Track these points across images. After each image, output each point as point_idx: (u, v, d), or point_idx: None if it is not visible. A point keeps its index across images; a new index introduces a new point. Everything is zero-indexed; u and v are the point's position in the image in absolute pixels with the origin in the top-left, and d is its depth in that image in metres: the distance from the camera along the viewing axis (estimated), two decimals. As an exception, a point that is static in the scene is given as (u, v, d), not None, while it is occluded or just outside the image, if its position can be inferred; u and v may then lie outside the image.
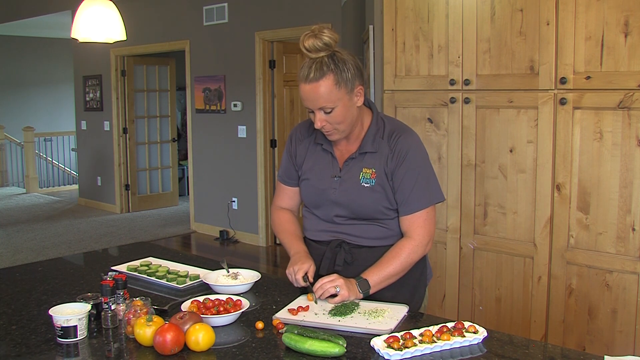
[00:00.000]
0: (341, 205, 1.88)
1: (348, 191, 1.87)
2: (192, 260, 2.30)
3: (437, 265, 2.94)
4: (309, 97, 1.75)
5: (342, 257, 1.89)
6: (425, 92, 2.89)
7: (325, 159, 1.93)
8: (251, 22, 6.34)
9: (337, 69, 1.74)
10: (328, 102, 1.75)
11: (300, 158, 1.98)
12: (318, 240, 1.95)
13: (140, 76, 8.44)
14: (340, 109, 1.77)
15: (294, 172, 2.01)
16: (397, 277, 1.84)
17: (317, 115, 1.78)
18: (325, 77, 1.73)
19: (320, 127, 1.80)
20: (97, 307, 1.66)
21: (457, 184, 2.83)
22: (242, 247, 6.57)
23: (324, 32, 1.74)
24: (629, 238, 2.36)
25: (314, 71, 1.73)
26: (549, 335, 2.59)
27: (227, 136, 6.76)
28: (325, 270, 1.89)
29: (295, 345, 1.44)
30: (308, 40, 1.74)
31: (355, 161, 1.88)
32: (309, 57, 1.76)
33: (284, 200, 2.08)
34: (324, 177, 1.91)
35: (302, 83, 1.76)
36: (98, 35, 2.67)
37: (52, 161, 11.07)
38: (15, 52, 11.16)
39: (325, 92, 1.73)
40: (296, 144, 2.00)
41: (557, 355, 1.52)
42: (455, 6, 2.75)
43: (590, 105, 2.41)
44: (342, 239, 1.90)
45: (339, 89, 1.75)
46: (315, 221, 1.96)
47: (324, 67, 1.73)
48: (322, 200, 1.91)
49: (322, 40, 1.73)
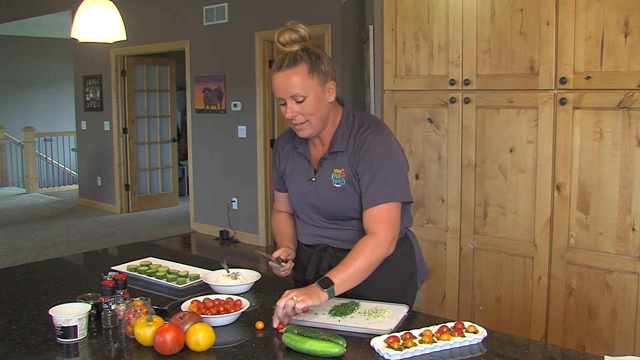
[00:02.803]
0: (317, 208, 1.88)
1: (322, 193, 1.86)
2: (192, 260, 2.30)
3: (437, 265, 2.94)
4: (282, 85, 1.75)
5: (327, 261, 1.89)
6: (425, 92, 2.89)
7: (302, 163, 1.93)
8: (251, 22, 6.34)
9: (310, 60, 1.75)
10: (300, 90, 1.73)
11: (282, 165, 2.00)
12: (307, 244, 1.96)
13: (140, 76, 8.44)
14: (312, 98, 1.75)
15: (280, 180, 2.03)
16: (363, 274, 1.72)
17: (288, 105, 1.76)
18: (299, 65, 1.74)
19: (291, 118, 1.77)
20: (97, 307, 1.66)
21: (457, 184, 2.83)
22: (242, 247, 6.57)
23: (299, 25, 1.76)
24: (629, 238, 2.36)
25: (287, 61, 1.74)
26: (549, 335, 2.59)
27: (227, 136, 6.76)
28: (312, 274, 1.89)
29: (295, 345, 1.44)
30: (283, 34, 1.76)
31: (327, 162, 1.87)
32: (284, 51, 1.77)
33: (280, 204, 2.11)
34: (302, 180, 1.91)
35: (275, 73, 1.76)
36: (98, 35, 2.67)
37: (52, 161, 11.06)
38: (15, 52, 11.16)
39: (298, 80, 1.73)
40: (279, 152, 2.02)
41: (557, 355, 1.51)
42: (455, 6, 2.75)
43: (590, 105, 2.41)
44: (326, 243, 1.90)
45: (312, 77, 1.74)
46: (301, 225, 1.98)
47: (297, 58, 1.74)
48: (302, 204, 1.92)
49: (297, 32, 1.75)
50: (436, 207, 2.91)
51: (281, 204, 2.10)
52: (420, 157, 2.94)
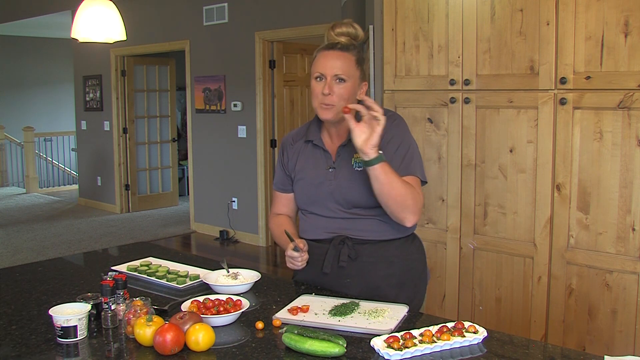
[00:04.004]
0: (338, 196, 1.89)
1: (343, 179, 1.89)
2: (192, 260, 2.30)
3: (437, 265, 2.94)
4: (329, 62, 1.82)
5: (346, 252, 1.89)
6: (425, 92, 2.89)
7: (317, 154, 1.96)
8: (251, 22, 6.34)
9: (359, 54, 1.87)
10: (345, 73, 1.82)
11: (292, 162, 2.01)
12: (319, 239, 1.95)
13: (140, 76, 8.44)
14: (350, 86, 1.83)
15: (286, 179, 2.04)
16: (396, 191, 1.75)
17: (328, 82, 1.82)
18: (351, 52, 1.85)
19: (325, 94, 1.82)
20: (97, 307, 1.66)
21: (457, 184, 2.83)
22: (242, 247, 6.57)
23: (356, 24, 1.88)
24: (629, 238, 2.36)
25: (340, 45, 1.84)
26: (549, 335, 2.59)
27: (227, 136, 6.76)
28: (329, 267, 1.90)
29: (295, 345, 1.44)
30: (341, 26, 1.88)
31: (347, 148, 1.91)
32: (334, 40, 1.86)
33: (280, 207, 2.10)
34: (319, 171, 1.93)
35: (326, 51, 1.85)
36: (98, 35, 2.67)
37: (52, 161, 11.07)
38: (15, 52, 11.16)
39: (346, 63, 1.82)
40: (287, 150, 2.04)
41: (557, 355, 1.51)
42: (455, 6, 2.75)
43: (590, 105, 2.41)
44: (344, 234, 1.91)
45: (357, 69, 1.85)
46: (313, 220, 1.97)
47: (350, 47, 1.85)
48: (319, 195, 1.92)
49: (355, 29, 1.87)
50: (436, 207, 2.91)
51: (282, 206, 2.09)
52: (420, 157, 2.94)
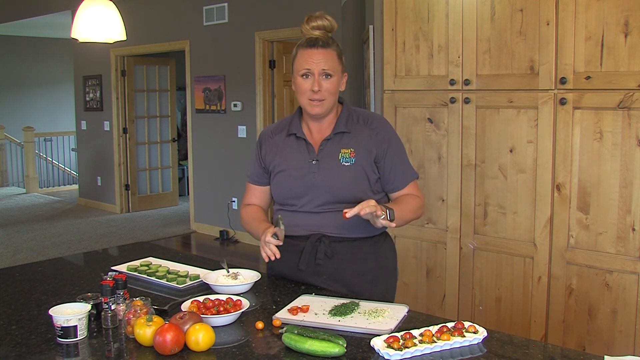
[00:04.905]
0: (322, 189, 1.90)
1: (328, 172, 1.90)
2: (192, 260, 2.30)
3: (437, 265, 2.94)
4: (316, 59, 1.87)
5: (323, 250, 1.90)
6: (425, 92, 2.89)
7: (299, 147, 1.97)
8: (251, 22, 6.34)
9: (339, 48, 1.93)
10: (331, 68, 1.88)
11: (270, 155, 2.02)
12: (295, 235, 1.95)
13: (140, 76, 8.44)
14: (336, 80, 1.91)
15: (261, 172, 2.06)
16: (409, 219, 1.95)
17: (316, 78, 1.87)
18: (333, 48, 1.90)
19: (315, 90, 1.87)
20: (97, 307, 1.66)
21: (457, 184, 2.83)
22: (242, 247, 6.57)
23: (328, 16, 1.92)
24: (629, 238, 2.36)
25: (322, 41, 1.88)
26: (549, 335, 2.59)
27: (227, 136, 6.76)
28: (305, 264, 1.91)
29: (295, 345, 1.44)
30: (316, 19, 1.89)
31: (331, 142, 1.93)
32: (310, 34, 1.89)
33: (252, 199, 2.11)
34: (301, 163, 1.94)
35: (308, 49, 1.88)
36: (98, 35, 2.67)
37: (52, 161, 11.06)
38: (15, 52, 11.16)
39: (331, 59, 1.88)
40: (264, 144, 2.05)
41: (557, 355, 1.51)
42: (455, 6, 2.75)
43: (590, 105, 2.41)
44: (322, 232, 1.91)
45: (339, 63, 1.92)
46: (290, 216, 1.96)
47: (329, 42, 1.90)
48: (302, 188, 1.92)
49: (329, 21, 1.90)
50: (436, 207, 2.91)
51: (255, 198, 2.10)
52: (421, 157, 2.94)
